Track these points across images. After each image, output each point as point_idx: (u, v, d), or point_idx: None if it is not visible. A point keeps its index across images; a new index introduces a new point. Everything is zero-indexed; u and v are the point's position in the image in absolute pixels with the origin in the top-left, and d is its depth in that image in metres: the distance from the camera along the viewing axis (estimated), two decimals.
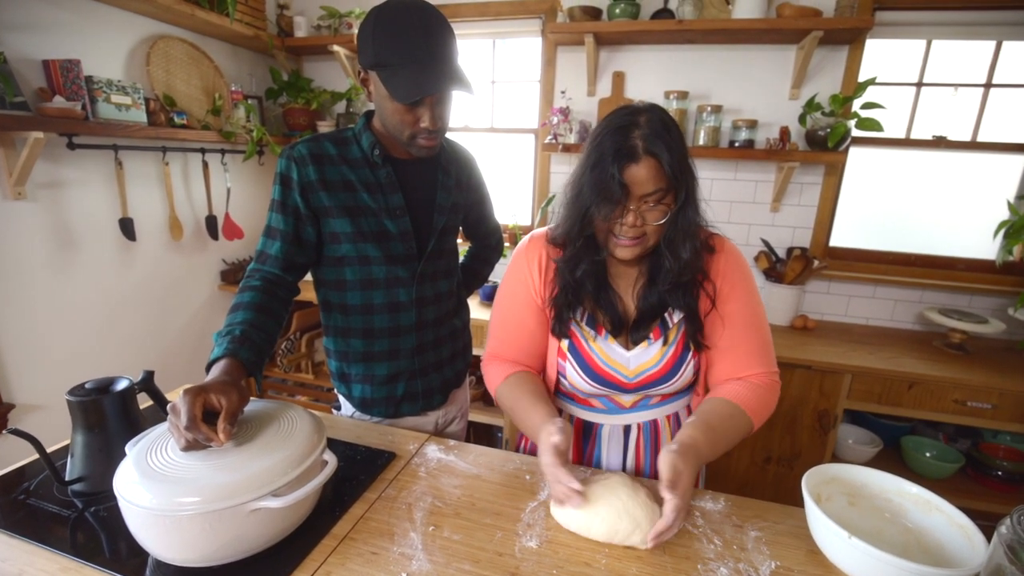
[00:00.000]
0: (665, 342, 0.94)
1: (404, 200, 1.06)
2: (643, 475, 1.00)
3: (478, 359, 1.12)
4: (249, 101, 2.48)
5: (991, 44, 2.03)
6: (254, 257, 1.05)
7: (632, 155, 0.80)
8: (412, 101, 0.91)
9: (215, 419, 0.72)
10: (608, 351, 0.95)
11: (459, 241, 1.27)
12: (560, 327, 0.96)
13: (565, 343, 0.97)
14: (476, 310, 2.24)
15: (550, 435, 0.81)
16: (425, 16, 0.91)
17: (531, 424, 0.90)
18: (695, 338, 0.93)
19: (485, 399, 2.45)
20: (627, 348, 0.95)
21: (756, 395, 0.91)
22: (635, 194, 0.81)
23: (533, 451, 1.11)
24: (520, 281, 1.00)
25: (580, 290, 0.94)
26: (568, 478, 0.77)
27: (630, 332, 0.95)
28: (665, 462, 0.77)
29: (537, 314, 0.99)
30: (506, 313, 1.03)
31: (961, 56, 2.08)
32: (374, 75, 0.94)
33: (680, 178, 0.82)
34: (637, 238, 0.85)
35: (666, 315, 0.94)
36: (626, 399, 0.99)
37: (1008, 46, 2.01)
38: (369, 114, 1.07)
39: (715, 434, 0.85)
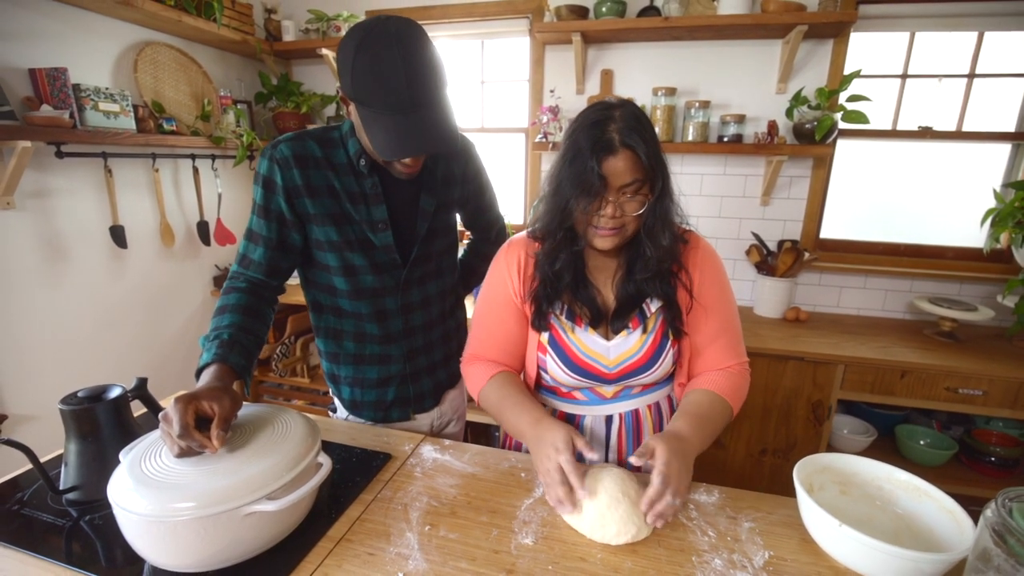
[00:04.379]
0: (644, 331, 0.96)
1: (388, 211, 1.03)
2: (626, 465, 1.01)
3: None
4: (238, 106, 2.47)
5: (973, 35, 2.05)
6: (236, 260, 1.02)
7: (610, 147, 0.82)
8: (390, 159, 0.88)
9: (208, 426, 0.72)
10: (588, 341, 0.97)
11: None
12: (540, 320, 0.98)
13: (545, 336, 0.99)
14: (472, 308, 2.23)
15: (574, 437, 0.82)
16: (409, 56, 0.82)
17: (522, 422, 0.90)
18: (674, 325, 0.96)
19: None
20: (607, 338, 0.97)
21: (733, 383, 0.95)
22: (613, 185, 0.84)
23: (519, 446, 1.12)
24: (499, 282, 1.02)
25: (559, 282, 0.95)
26: (579, 485, 0.78)
27: (610, 323, 0.97)
28: (641, 445, 0.82)
29: (516, 314, 1.01)
30: (486, 314, 1.04)
31: (944, 47, 2.10)
32: (353, 105, 0.90)
33: (656, 169, 0.85)
34: (616, 228, 0.87)
35: (644, 305, 0.96)
36: (608, 390, 1.01)
37: (990, 36, 2.03)
38: None
39: (701, 421, 0.89)
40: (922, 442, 2.02)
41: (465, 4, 2.39)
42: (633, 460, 0.79)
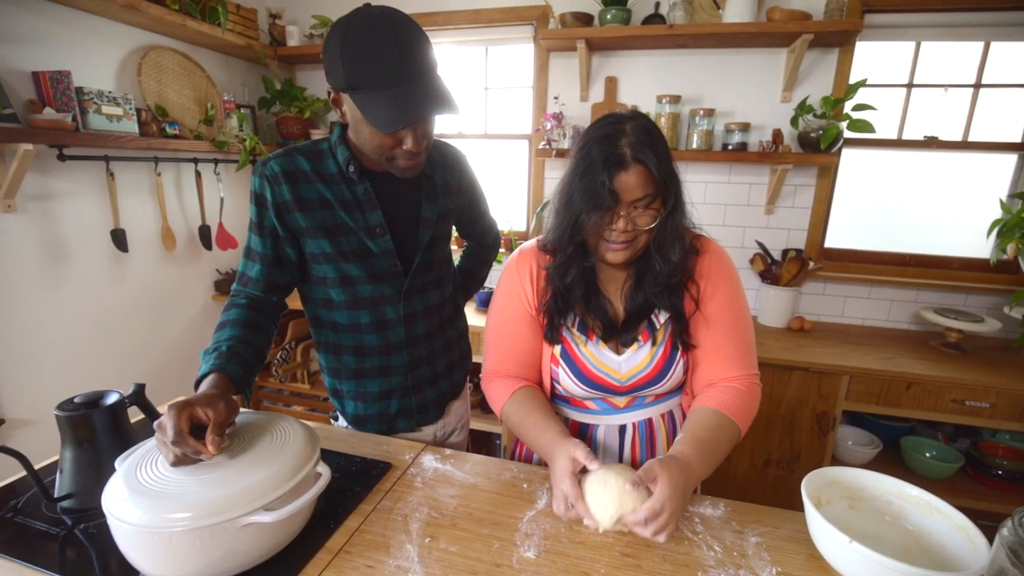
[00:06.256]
0: (654, 343, 0.95)
1: (385, 217, 1.01)
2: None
3: (478, 367, 1.11)
4: (242, 110, 2.47)
5: (979, 45, 2.05)
6: (236, 278, 1.02)
7: (621, 163, 0.81)
8: (395, 130, 0.85)
9: (204, 433, 0.71)
10: (600, 356, 0.96)
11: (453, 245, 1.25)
12: (552, 333, 0.97)
13: (557, 349, 0.98)
14: (473, 317, 2.23)
15: (575, 459, 0.83)
16: (398, 29, 0.83)
17: (543, 442, 0.91)
18: (681, 338, 0.95)
19: (483, 406, 2.43)
20: (618, 352, 0.96)
21: (741, 401, 0.92)
22: (625, 200, 0.83)
23: (529, 458, 1.11)
24: (512, 294, 1.01)
25: (570, 295, 0.95)
26: (585, 512, 0.80)
27: (620, 334, 0.96)
28: (643, 466, 0.81)
29: (532, 325, 1.00)
30: (501, 328, 1.03)
31: (950, 57, 2.09)
32: (347, 97, 0.88)
33: (669, 183, 0.84)
34: (627, 242, 0.87)
35: (653, 317, 0.96)
36: (620, 400, 1.00)
37: (996, 47, 2.03)
38: (346, 124, 0.99)
39: (705, 447, 0.86)
40: (928, 454, 1.99)
41: (469, 10, 2.40)
42: (630, 485, 0.78)
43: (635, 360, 0.95)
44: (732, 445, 0.91)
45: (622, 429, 1.01)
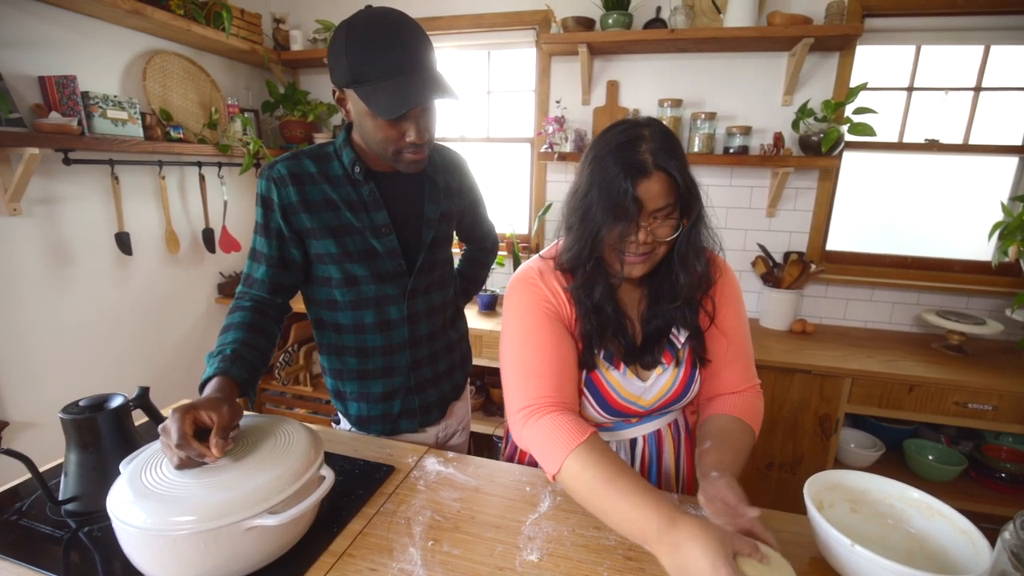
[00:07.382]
0: (677, 364, 0.94)
1: (390, 217, 1.03)
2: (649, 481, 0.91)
3: (478, 369, 1.11)
4: (245, 114, 2.49)
5: (979, 48, 2.05)
6: (241, 280, 1.04)
7: (643, 169, 0.78)
8: (397, 116, 0.87)
9: (208, 437, 0.72)
10: (625, 384, 0.92)
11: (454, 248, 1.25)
12: (589, 359, 0.91)
13: (583, 376, 0.93)
14: (474, 320, 2.23)
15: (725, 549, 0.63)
16: (398, 25, 0.88)
17: (647, 522, 0.68)
18: (699, 354, 0.95)
19: (484, 408, 2.43)
20: (641, 378, 0.94)
21: (755, 407, 0.95)
22: (647, 209, 0.80)
23: (533, 462, 1.09)
24: (545, 311, 0.89)
25: (601, 314, 0.89)
26: None
27: (640, 357, 0.94)
28: (724, 486, 0.75)
29: (569, 341, 0.90)
30: (538, 347, 0.87)
31: (950, 61, 2.10)
32: (351, 93, 0.91)
33: (692, 191, 0.82)
34: (646, 254, 0.84)
35: (672, 337, 0.94)
36: (634, 417, 0.99)
37: (996, 50, 2.03)
38: (350, 127, 1.02)
39: (738, 455, 0.86)
40: (930, 457, 1.99)
41: (472, 15, 2.41)
42: (753, 513, 0.71)
43: (659, 384, 0.93)
44: (751, 449, 0.92)
45: (632, 443, 1.01)
